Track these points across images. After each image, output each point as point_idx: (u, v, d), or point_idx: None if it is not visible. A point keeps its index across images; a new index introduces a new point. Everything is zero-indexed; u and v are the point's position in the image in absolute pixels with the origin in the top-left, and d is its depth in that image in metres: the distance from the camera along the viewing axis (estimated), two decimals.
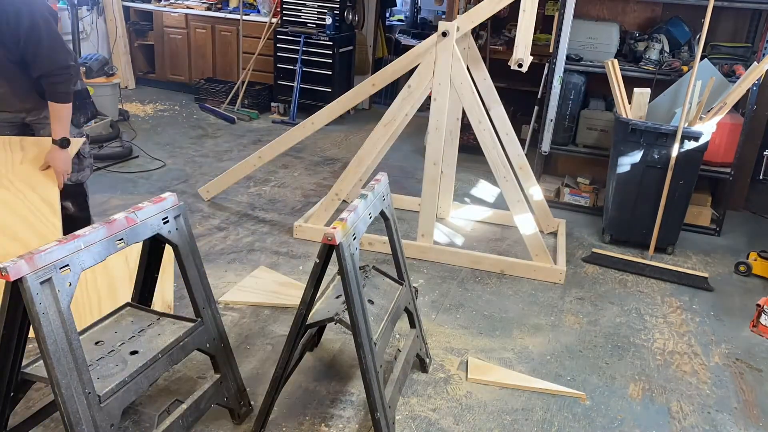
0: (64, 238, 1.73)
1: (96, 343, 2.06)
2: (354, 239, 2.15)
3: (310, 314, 2.30)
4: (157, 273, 2.38)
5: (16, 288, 1.63)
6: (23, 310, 1.70)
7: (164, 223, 2.11)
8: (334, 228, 2.03)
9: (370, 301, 2.45)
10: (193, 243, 2.24)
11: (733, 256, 4.25)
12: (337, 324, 2.29)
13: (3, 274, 1.57)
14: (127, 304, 2.30)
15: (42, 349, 1.65)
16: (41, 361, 1.77)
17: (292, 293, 3.33)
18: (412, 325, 2.76)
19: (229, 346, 2.36)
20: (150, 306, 2.41)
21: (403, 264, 2.68)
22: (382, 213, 2.52)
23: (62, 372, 1.67)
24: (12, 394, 1.87)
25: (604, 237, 4.37)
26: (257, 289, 3.38)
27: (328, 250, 2.10)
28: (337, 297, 2.48)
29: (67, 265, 1.71)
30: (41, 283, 1.63)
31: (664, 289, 3.76)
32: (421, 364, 2.82)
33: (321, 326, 2.82)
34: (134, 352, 2.03)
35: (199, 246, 3.43)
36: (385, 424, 2.20)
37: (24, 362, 1.90)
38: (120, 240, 1.89)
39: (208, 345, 2.25)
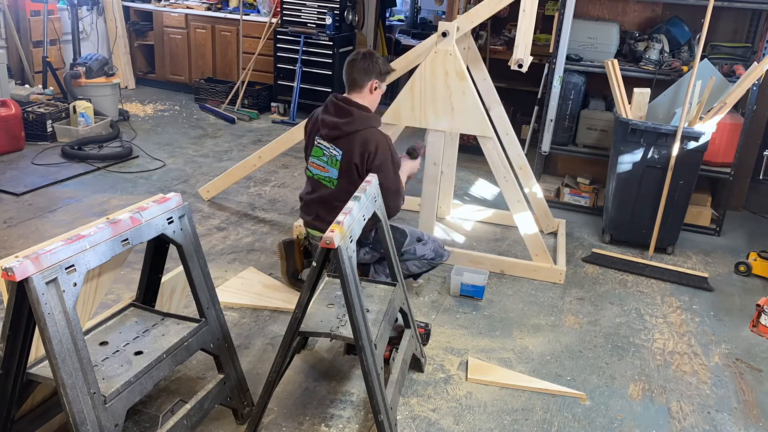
0: (69, 238, 1.74)
1: (101, 343, 2.07)
2: (351, 242, 2.16)
3: (303, 320, 2.30)
4: (161, 273, 2.39)
5: (21, 288, 1.63)
6: (29, 310, 1.71)
7: (169, 223, 2.11)
8: (332, 231, 2.03)
9: (366, 310, 2.45)
10: (197, 243, 2.24)
11: (733, 256, 4.26)
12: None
13: (9, 274, 1.58)
14: (132, 305, 2.31)
15: (47, 350, 1.65)
16: (46, 362, 1.77)
17: (276, 296, 3.33)
18: (407, 325, 2.76)
19: (233, 346, 2.37)
20: (154, 306, 2.42)
21: (396, 264, 2.68)
22: (374, 214, 2.52)
23: (67, 372, 1.68)
24: (17, 394, 1.87)
25: (604, 237, 4.38)
26: (240, 290, 3.37)
27: (326, 253, 2.10)
28: (329, 305, 2.48)
29: (73, 266, 1.71)
30: (47, 283, 1.63)
31: (664, 289, 3.77)
32: (417, 363, 2.82)
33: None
34: (139, 353, 2.04)
35: None
36: (388, 425, 2.20)
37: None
38: (125, 240, 1.90)
39: (212, 345, 2.25)
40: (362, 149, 3.05)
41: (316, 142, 3.20)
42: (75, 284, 1.72)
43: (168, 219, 2.12)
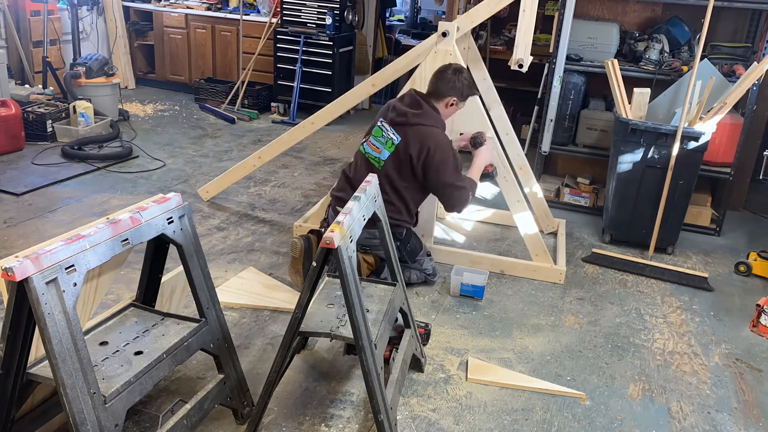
0: (69, 239, 1.74)
1: (101, 343, 2.07)
2: (351, 242, 2.16)
3: (303, 320, 2.30)
4: (161, 273, 2.38)
5: (21, 288, 1.63)
6: (29, 310, 1.71)
7: (169, 223, 2.11)
8: (332, 231, 2.02)
9: (366, 310, 2.45)
10: (197, 243, 2.24)
11: (733, 256, 4.26)
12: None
13: (9, 274, 1.58)
14: (131, 305, 2.31)
15: (47, 350, 1.65)
16: (46, 362, 1.77)
17: (276, 296, 3.32)
18: (407, 325, 2.77)
19: (233, 346, 2.37)
20: (154, 306, 2.42)
21: (396, 264, 2.69)
22: (374, 214, 2.52)
23: (67, 372, 1.67)
24: (17, 394, 1.87)
25: (604, 237, 4.38)
26: (241, 290, 3.37)
27: (326, 253, 2.11)
28: (329, 305, 2.48)
29: (73, 266, 1.71)
30: (47, 283, 1.63)
31: (664, 289, 3.77)
32: (417, 363, 2.82)
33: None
34: (139, 353, 2.03)
35: None
36: (388, 425, 2.20)
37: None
38: (125, 240, 1.90)
39: (212, 345, 2.25)
40: (421, 144, 3.18)
41: (379, 123, 3.31)
42: (75, 284, 1.72)
43: (168, 219, 2.12)
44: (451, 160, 3.24)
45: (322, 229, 3.49)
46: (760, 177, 4.46)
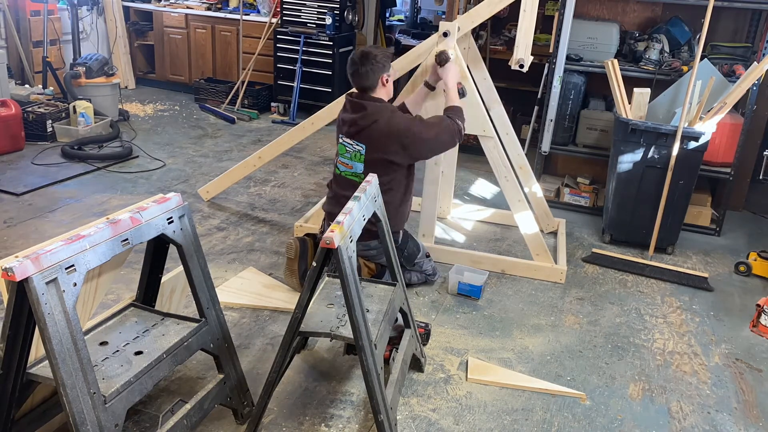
0: (69, 239, 1.74)
1: (101, 343, 2.07)
2: (351, 242, 2.16)
3: (303, 320, 2.30)
4: (161, 273, 2.39)
5: (21, 288, 1.63)
6: (29, 310, 1.71)
7: (169, 223, 2.11)
8: (332, 231, 2.02)
9: (366, 310, 2.45)
10: (197, 243, 2.24)
11: (733, 256, 4.26)
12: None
13: (9, 274, 1.58)
14: (132, 305, 2.31)
15: (47, 350, 1.65)
16: (46, 362, 1.77)
17: (276, 296, 3.32)
18: (407, 325, 2.77)
19: (233, 346, 2.37)
20: (154, 306, 2.42)
21: (396, 264, 2.69)
22: (374, 214, 2.52)
23: (67, 372, 1.68)
24: (17, 394, 1.87)
25: (604, 237, 4.38)
26: (241, 290, 3.37)
27: (326, 253, 2.11)
28: (329, 305, 2.48)
29: (73, 266, 1.71)
30: (47, 283, 1.63)
31: (664, 289, 3.77)
32: (417, 363, 2.82)
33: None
34: (139, 353, 2.04)
35: None
36: (388, 425, 2.20)
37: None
38: (125, 240, 1.90)
39: (212, 345, 2.25)
40: (388, 133, 3.14)
41: (340, 140, 3.30)
42: (75, 284, 1.72)
43: (168, 219, 2.12)
44: (412, 120, 3.22)
45: (319, 235, 3.48)
46: (760, 177, 4.46)
